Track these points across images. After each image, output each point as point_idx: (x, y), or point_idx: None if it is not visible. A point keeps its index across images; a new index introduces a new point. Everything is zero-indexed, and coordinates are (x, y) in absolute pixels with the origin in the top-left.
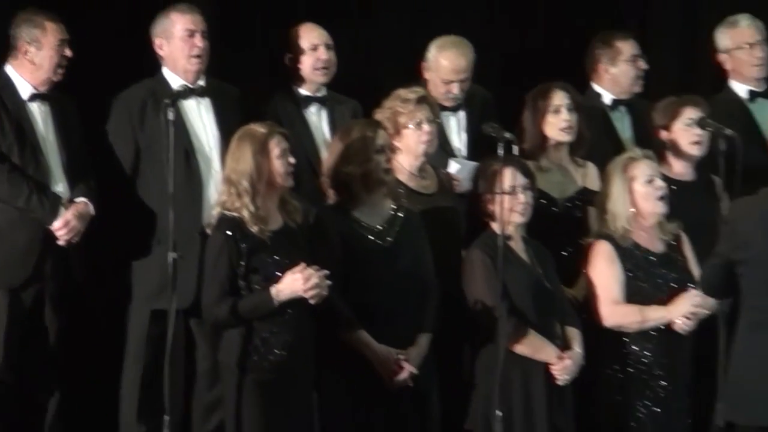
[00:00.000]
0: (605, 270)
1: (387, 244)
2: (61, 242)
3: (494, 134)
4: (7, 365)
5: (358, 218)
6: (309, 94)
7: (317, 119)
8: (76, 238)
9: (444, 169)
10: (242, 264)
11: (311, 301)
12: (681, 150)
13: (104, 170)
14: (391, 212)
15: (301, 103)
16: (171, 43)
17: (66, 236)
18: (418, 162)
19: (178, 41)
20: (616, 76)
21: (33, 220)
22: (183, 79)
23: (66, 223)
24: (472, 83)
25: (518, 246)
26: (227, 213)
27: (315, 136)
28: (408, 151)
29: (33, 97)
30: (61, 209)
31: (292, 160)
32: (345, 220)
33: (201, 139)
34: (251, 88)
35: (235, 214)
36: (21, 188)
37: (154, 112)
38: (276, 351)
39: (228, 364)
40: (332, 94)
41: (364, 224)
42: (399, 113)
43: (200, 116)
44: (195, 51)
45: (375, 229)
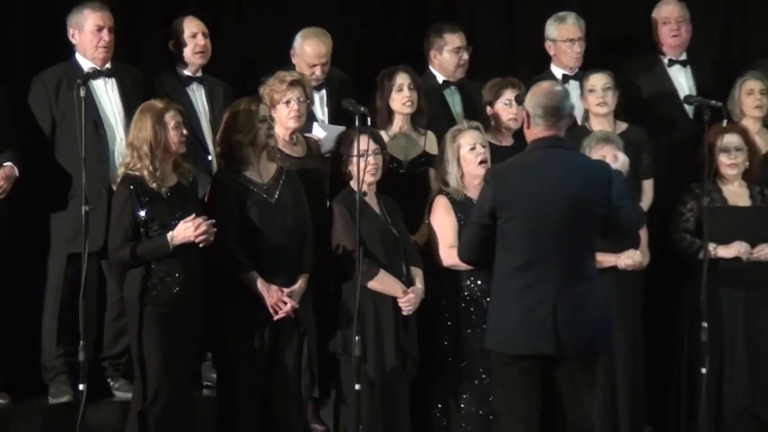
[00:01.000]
0: (443, 219)
1: (273, 199)
2: None
3: (351, 108)
4: None
5: (249, 177)
6: (190, 74)
7: (198, 96)
8: (3, 196)
9: (309, 133)
10: (142, 214)
11: (200, 245)
12: (502, 123)
13: (26, 138)
14: (275, 172)
15: (184, 82)
16: (82, 35)
17: None
18: (288, 132)
19: (89, 34)
20: (442, 63)
21: None
22: (92, 63)
23: None
24: (331, 66)
25: (371, 200)
26: (130, 173)
27: (196, 109)
28: (280, 123)
29: None
30: None
31: (185, 132)
32: (238, 180)
33: (107, 113)
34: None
35: (137, 173)
36: None
37: (68, 91)
38: (171, 288)
39: (131, 299)
40: (206, 76)
41: (253, 182)
42: (274, 91)
43: (107, 93)
44: (102, 43)
45: (263, 186)
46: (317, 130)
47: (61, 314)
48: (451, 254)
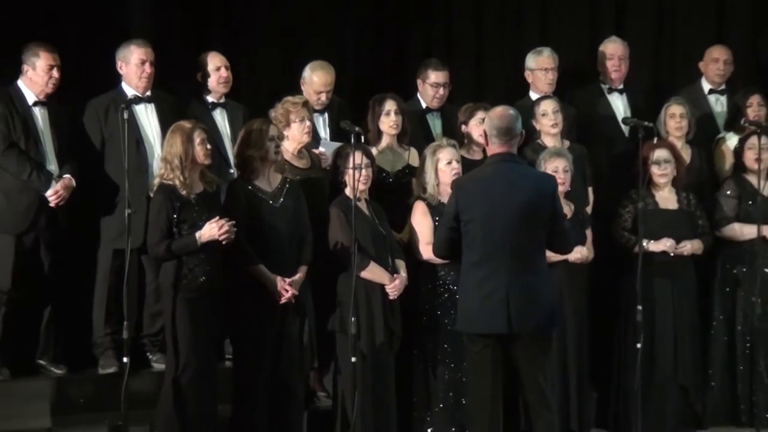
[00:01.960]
0: (421, 221)
1: (278, 204)
2: (52, 204)
3: (348, 128)
4: (15, 287)
5: (258, 186)
6: (214, 101)
7: (221, 119)
8: (62, 202)
9: (315, 149)
10: (175, 217)
11: (223, 243)
12: (473, 140)
13: (81, 154)
14: (280, 182)
15: (209, 107)
16: (128, 67)
17: (55, 201)
18: (299, 146)
19: (134, 66)
20: (423, 92)
21: (33, 189)
22: (135, 91)
23: (56, 192)
24: (333, 93)
25: (363, 205)
26: (165, 182)
27: (220, 130)
28: (293, 139)
29: (35, 104)
30: (53, 182)
31: (209, 147)
32: (249, 188)
33: (147, 132)
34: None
35: (170, 183)
36: (25, 166)
37: (115, 114)
38: (199, 277)
39: (166, 286)
40: (228, 101)
41: (262, 190)
42: (290, 111)
43: (147, 116)
44: (144, 75)
45: (270, 194)
46: (323, 147)
47: (109, 299)
48: (428, 250)
